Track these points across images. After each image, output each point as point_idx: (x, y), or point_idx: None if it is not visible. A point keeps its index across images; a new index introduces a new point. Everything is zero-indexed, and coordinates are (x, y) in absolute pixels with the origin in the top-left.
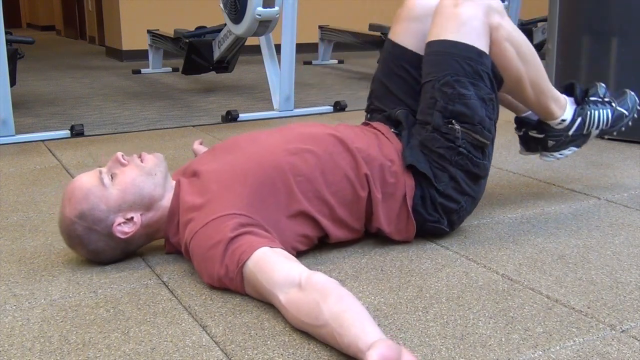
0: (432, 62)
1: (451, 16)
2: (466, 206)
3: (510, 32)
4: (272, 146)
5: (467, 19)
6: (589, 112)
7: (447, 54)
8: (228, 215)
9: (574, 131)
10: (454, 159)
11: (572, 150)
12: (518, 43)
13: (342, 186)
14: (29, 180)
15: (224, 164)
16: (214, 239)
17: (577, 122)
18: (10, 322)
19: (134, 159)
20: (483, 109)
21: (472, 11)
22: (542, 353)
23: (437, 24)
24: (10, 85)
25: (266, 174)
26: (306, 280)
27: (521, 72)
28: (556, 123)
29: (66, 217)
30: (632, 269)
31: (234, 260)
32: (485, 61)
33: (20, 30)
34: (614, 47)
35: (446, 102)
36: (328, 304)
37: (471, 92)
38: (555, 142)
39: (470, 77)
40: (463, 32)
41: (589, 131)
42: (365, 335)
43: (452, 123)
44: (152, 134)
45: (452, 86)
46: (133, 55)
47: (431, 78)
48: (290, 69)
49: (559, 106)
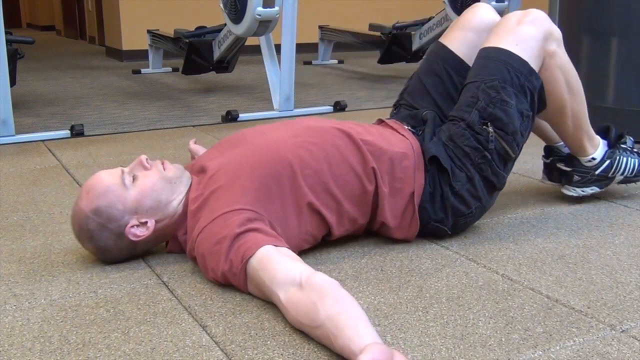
0: (482, 65)
1: (512, 31)
2: (475, 213)
3: (564, 61)
4: (279, 139)
5: (526, 37)
6: (618, 157)
7: (500, 61)
8: (235, 211)
9: (600, 171)
10: (477, 160)
11: (594, 189)
12: (569, 74)
13: (349, 179)
14: (29, 180)
15: (231, 158)
16: (220, 234)
17: (605, 163)
18: (10, 322)
19: (157, 164)
20: (519, 122)
21: (533, 32)
22: (542, 353)
23: (496, 34)
24: (10, 85)
25: (273, 167)
26: (306, 280)
27: (566, 102)
28: (586, 160)
29: (81, 210)
30: (632, 269)
31: (239, 256)
32: (534, 80)
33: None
34: (614, 47)
35: (487, 104)
36: (325, 305)
37: (513, 102)
38: (581, 178)
39: (516, 89)
40: (521, 48)
41: (614, 175)
42: (359, 338)
43: (487, 125)
44: (152, 134)
45: (497, 90)
46: (133, 55)
47: (477, 79)
48: (290, 69)
49: (592, 144)
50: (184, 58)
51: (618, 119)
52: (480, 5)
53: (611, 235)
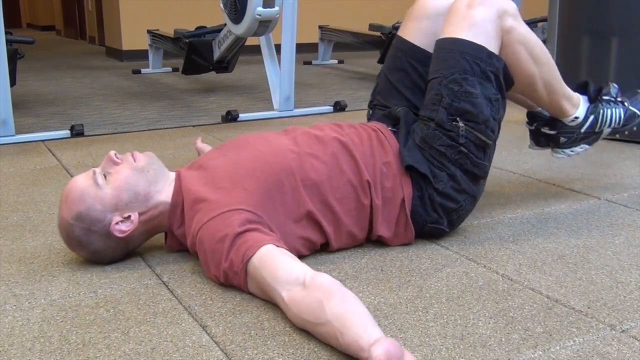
0: (441, 59)
1: (464, 17)
2: (465, 205)
3: (523, 34)
4: (282, 147)
5: (479, 21)
6: (601, 110)
7: (457, 52)
8: (237, 210)
9: (586, 129)
10: (454, 157)
11: (583, 147)
12: (531, 45)
13: (346, 193)
14: (29, 180)
15: (234, 160)
16: (221, 232)
17: (589, 119)
18: (10, 322)
19: (127, 157)
20: (488, 109)
21: (485, 13)
22: (542, 353)
23: (449, 23)
24: (10, 85)
25: (276, 174)
26: (310, 280)
27: (534, 74)
28: (569, 120)
29: (64, 220)
30: (632, 269)
31: (240, 255)
32: (495, 62)
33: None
34: (614, 47)
35: (452, 99)
36: (331, 303)
37: (478, 91)
38: (567, 139)
39: (478, 76)
40: (475, 33)
41: (601, 129)
42: (367, 335)
43: (457, 120)
44: (152, 134)
45: (460, 84)
46: (133, 55)
47: (439, 75)
48: (290, 69)
49: (571, 104)
50: (184, 58)
51: None
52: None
53: (611, 235)
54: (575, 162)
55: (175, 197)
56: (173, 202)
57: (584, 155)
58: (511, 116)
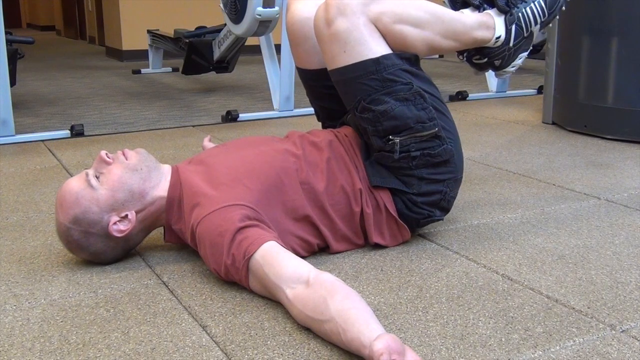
0: (342, 93)
1: (330, 39)
2: (449, 189)
3: (393, 12)
4: (284, 149)
5: (346, 36)
6: (519, 14)
7: (349, 80)
8: (237, 206)
9: (514, 41)
10: (412, 164)
11: (522, 57)
12: (407, 15)
13: (339, 199)
14: (29, 180)
15: (235, 159)
16: (221, 227)
17: (512, 31)
18: (10, 322)
19: (119, 156)
20: (412, 108)
21: (346, 24)
22: (542, 353)
23: (324, 51)
24: (10, 85)
25: (276, 174)
26: (314, 278)
27: (428, 38)
28: (493, 43)
29: (61, 224)
30: (632, 269)
31: (241, 251)
32: (386, 62)
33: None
34: (614, 47)
35: (374, 126)
36: (335, 301)
37: (390, 102)
38: (502, 59)
39: (381, 89)
40: (350, 51)
41: (531, 31)
42: (369, 331)
43: (391, 139)
44: (152, 134)
45: (369, 109)
46: (133, 55)
47: (349, 108)
48: (291, 69)
49: (486, 28)
50: (184, 58)
51: (618, 119)
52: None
53: (611, 235)
54: (575, 162)
55: (171, 192)
56: (169, 196)
57: (584, 155)
58: (511, 116)
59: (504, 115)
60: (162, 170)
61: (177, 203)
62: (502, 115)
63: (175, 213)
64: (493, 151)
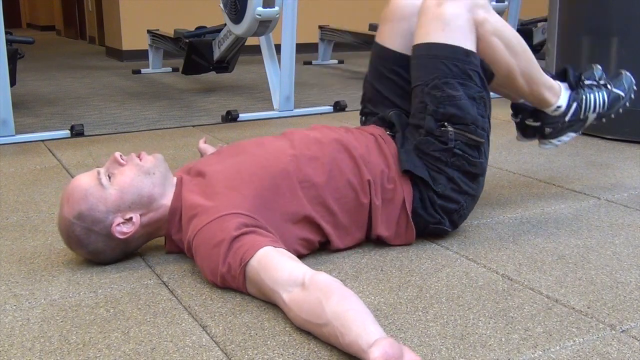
0: (419, 66)
1: (435, 16)
2: (466, 205)
3: (496, 25)
4: (278, 150)
5: (450, 18)
6: (584, 96)
7: (434, 57)
8: (232, 214)
9: (570, 117)
10: (449, 160)
11: (570, 136)
12: (506, 36)
13: (346, 192)
14: (29, 180)
15: (230, 166)
16: (217, 237)
17: (572, 107)
18: (10, 322)
19: (133, 158)
20: (474, 108)
21: (455, 10)
22: (542, 353)
23: (421, 25)
24: (10, 85)
25: (272, 178)
26: (310, 280)
27: (511, 65)
28: (552, 110)
29: (65, 218)
30: (632, 269)
31: (237, 258)
32: (473, 60)
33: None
34: (614, 47)
35: (436, 106)
36: (331, 303)
37: (461, 92)
38: (553, 129)
39: (458, 77)
40: (448, 32)
41: (586, 115)
42: (367, 334)
43: (445, 125)
44: (152, 134)
45: (441, 89)
46: (133, 55)
47: (420, 82)
48: (290, 69)
49: (553, 93)
50: (184, 58)
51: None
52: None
53: (611, 235)
54: (576, 162)
55: (174, 203)
56: (172, 207)
57: (584, 155)
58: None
59: (504, 115)
60: (172, 180)
61: (179, 215)
62: (502, 115)
63: (176, 224)
64: (493, 151)
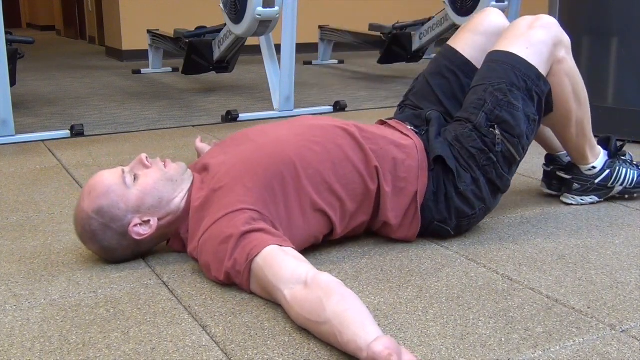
0: (491, 68)
1: (523, 35)
2: (479, 214)
3: (572, 68)
4: (281, 138)
5: (536, 42)
6: (617, 167)
7: (509, 64)
8: (239, 211)
9: (600, 180)
10: (482, 162)
11: (593, 199)
12: (576, 82)
13: (352, 178)
14: (29, 180)
15: (234, 156)
16: (225, 233)
17: (605, 172)
18: (10, 322)
19: (158, 162)
20: (525, 125)
21: (543, 36)
22: (542, 353)
23: (506, 38)
24: (10, 85)
25: (276, 167)
26: (312, 279)
27: (571, 109)
28: (586, 168)
29: (83, 211)
30: (632, 269)
31: (244, 254)
32: (542, 85)
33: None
34: (614, 47)
35: (494, 106)
36: (331, 302)
37: (520, 105)
38: (581, 186)
39: (523, 92)
40: (530, 52)
41: (613, 185)
42: (365, 333)
43: (494, 127)
44: (152, 134)
45: (505, 94)
46: (133, 55)
47: (485, 82)
48: (290, 69)
49: (593, 153)
50: (184, 58)
51: (618, 119)
52: (491, 9)
53: (611, 235)
54: None
55: (187, 202)
56: (185, 208)
57: None
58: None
59: None
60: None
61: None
62: None
63: (186, 223)
64: None
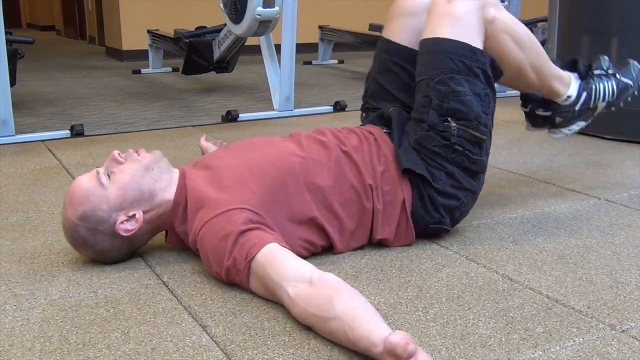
0: (425, 60)
1: (444, 13)
2: (467, 201)
3: (506, 22)
4: (288, 151)
5: (460, 15)
6: (593, 85)
7: (441, 52)
8: (240, 209)
9: (580, 106)
10: (450, 156)
11: (579, 125)
12: (515, 32)
13: (350, 197)
14: (29, 180)
15: (240, 161)
16: (225, 230)
17: (582, 96)
18: (10, 322)
19: (131, 154)
20: (479, 105)
21: (466, 7)
22: (542, 353)
23: (430, 21)
24: (10, 85)
25: (280, 177)
26: (318, 278)
27: (521, 61)
28: (562, 100)
29: (69, 220)
30: (632, 269)
31: (243, 252)
32: (480, 57)
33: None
34: (614, 47)
35: (441, 100)
36: (341, 299)
37: (466, 88)
38: (563, 118)
39: (464, 74)
40: (457, 29)
41: (596, 104)
42: (379, 330)
43: (448, 120)
44: (152, 134)
45: (447, 84)
46: (133, 55)
47: (425, 77)
48: (290, 69)
49: (563, 84)
50: (184, 58)
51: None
52: None
53: (611, 235)
54: (575, 162)
55: (178, 195)
56: (176, 200)
57: (584, 155)
58: (511, 116)
59: (503, 115)
60: (173, 173)
61: (183, 206)
62: (501, 115)
63: (180, 217)
64: (493, 151)
